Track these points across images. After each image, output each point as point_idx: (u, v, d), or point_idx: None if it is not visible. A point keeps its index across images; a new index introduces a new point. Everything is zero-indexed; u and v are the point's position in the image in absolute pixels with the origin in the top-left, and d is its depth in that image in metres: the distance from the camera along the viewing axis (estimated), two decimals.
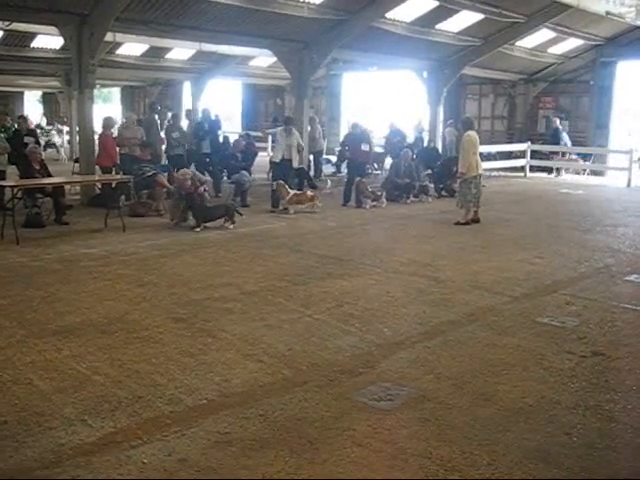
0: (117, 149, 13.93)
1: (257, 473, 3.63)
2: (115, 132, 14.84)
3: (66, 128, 26.47)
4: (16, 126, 15.27)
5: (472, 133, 11.84)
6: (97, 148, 13.73)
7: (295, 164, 13.83)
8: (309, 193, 13.36)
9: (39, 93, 38.23)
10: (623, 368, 5.26)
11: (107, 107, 38.94)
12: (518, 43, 19.61)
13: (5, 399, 4.48)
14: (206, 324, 6.08)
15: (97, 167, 13.71)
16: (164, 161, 14.96)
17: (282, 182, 12.75)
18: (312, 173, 17.69)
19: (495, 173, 20.22)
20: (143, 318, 6.22)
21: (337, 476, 3.62)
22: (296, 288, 7.38)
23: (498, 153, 20.75)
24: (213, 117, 17.96)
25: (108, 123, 14.14)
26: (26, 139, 13.73)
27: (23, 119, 16.86)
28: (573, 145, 21.46)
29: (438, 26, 17.51)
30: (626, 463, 3.83)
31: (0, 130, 13.60)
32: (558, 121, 21.49)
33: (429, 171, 16.48)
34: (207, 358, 5.26)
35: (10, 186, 10.48)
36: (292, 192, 12.90)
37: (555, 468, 3.73)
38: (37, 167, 11.40)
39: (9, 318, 6.17)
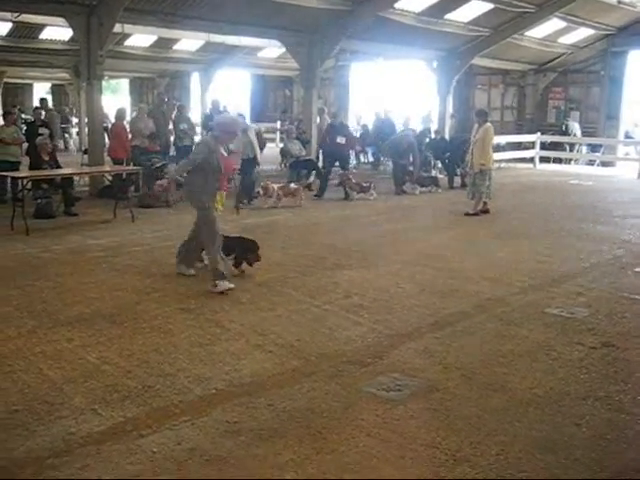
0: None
1: (266, 462, 3.64)
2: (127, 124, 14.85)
3: (75, 119, 26.52)
4: (30, 117, 15.34)
5: (490, 125, 11.80)
6: (108, 139, 13.75)
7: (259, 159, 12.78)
8: (292, 186, 12.76)
9: (48, 85, 38.29)
10: (633, 359, 5.24)
11: (116, 98, 38.97)
12: (528, 33, 19.49)
13: (16, 388, 4.50)
14: (215, 314, 6.10)
15: (109, 159, 13.74)
16: (172, 152, 14.97)
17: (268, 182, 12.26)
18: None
19: (504, 164, 20.13)
20: (152, 308, 6.24)
21: (346, 466, 3.62)
22: (305, 279, 7.38)
23: (507, 144, 20.64)
24: (221, 109, 17.95)
25: (121, 114, 14.16)
26: (40, 130, 13.78)
27: (51, 111, 16.88)
28: (583, 136, 21.35)
29: (447, 16, 17.42)
30: (636, 454, 3.82)
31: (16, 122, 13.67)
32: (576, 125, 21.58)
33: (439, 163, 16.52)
34: (216, 348, 5.28)
35: (19, 177, 10.51)
36: (276, 186, 12.31)
37: (564, 459, 3.72)
38: (46, 158, 11.44)
39: (19, 308, 6.20)
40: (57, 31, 18.77)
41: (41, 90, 39.55)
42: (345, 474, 3.55)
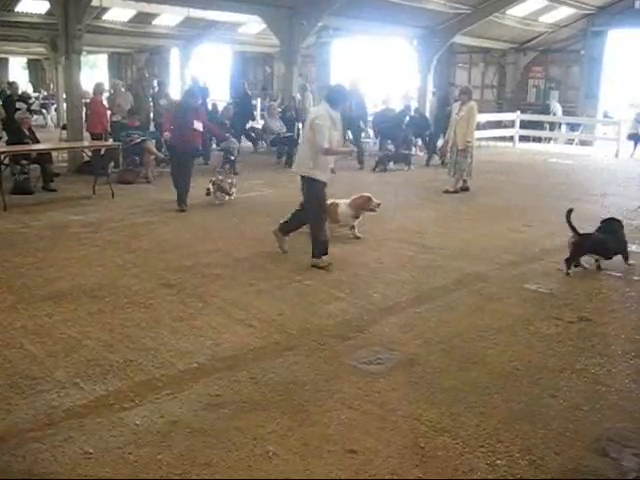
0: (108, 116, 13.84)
1: (248, 434, 3.68)
2: (105, 100, 14.69)
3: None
4: (7, 92, 15.14)
5: (474, 103, 11.83)
6: (86, 114, 13.60)
7: None
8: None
9: (24, 60, 37.62)
10: (609, 333, 5.34)
11: (94, 74, 38.39)
12: (509, 11, 19.45)
13: None
14: (196, 289, 6.10)
15: (88, 134, 13.61)
16: (152, 128, 14.84)
17: None
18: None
19: (484, 143, 20.18)
20: (133, 284, 6.23)
21: (328, 438, 3.67)
22: (285, 255, 7.40)
23: (487, 122, 20.68)
24: (201, 85, 17.78)
25: (98, 88, 14.01)
26: (18, 105, 13.60)
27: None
28: (563, 115, 21.46)
29: None
30: (611, 424, 3.90)
31: None
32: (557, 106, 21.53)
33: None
34: (197, 323, 5.29)
35: None
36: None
37: (541, 429, 3.80)
38: (27, 132, 11.31)
39: None
40: (33, 4, 18.40)
41: (17, 65, 38.89)
42: (327, 445, 3.60)
